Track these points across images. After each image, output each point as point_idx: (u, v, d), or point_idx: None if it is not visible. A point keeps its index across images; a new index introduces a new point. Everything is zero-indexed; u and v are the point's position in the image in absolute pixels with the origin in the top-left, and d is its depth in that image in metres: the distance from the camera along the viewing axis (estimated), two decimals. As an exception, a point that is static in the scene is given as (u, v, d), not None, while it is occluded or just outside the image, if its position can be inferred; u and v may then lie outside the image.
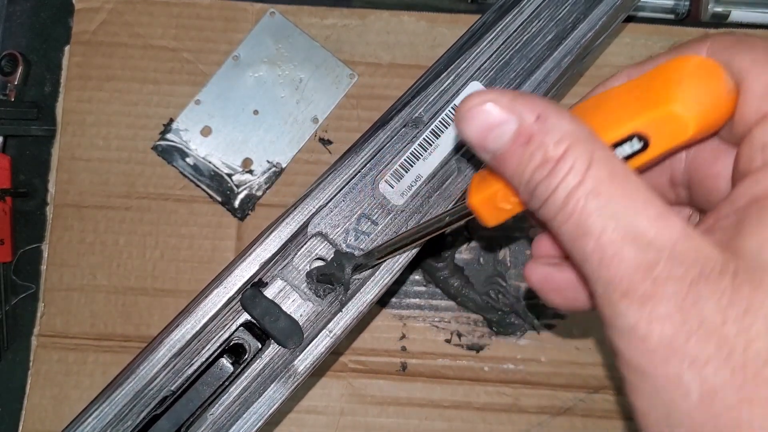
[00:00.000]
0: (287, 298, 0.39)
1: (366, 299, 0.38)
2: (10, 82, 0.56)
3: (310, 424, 0.53)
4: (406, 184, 0.39)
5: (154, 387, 0.37)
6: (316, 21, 0.58)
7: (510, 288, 0.55)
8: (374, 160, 0.39)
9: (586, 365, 0.54)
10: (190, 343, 0.37)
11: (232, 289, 0.38)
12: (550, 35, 0.40)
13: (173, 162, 0.56)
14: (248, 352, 0.38)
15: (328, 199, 0.39)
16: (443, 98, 0.40)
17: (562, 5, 0.40)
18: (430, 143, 0.40)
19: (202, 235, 0.55)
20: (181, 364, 0.38)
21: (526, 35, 0.40)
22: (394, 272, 0.39)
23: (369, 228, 0.39)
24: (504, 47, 0.40)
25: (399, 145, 0.40)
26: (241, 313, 0.38)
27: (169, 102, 0.57)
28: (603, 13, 0.40)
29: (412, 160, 0.40)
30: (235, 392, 0.38)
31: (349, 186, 0.39)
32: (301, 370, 0.38)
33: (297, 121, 0.56)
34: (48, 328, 0.54)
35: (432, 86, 0.40)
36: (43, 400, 0.53)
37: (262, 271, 0.39)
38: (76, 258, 0.55)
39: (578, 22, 0.40)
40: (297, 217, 0.38)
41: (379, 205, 0.39)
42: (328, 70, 0.57)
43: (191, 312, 0.37)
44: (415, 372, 0.54)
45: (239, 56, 0.57)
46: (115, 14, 0.57)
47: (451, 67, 0.40)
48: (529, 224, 0.56)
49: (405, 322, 0.55)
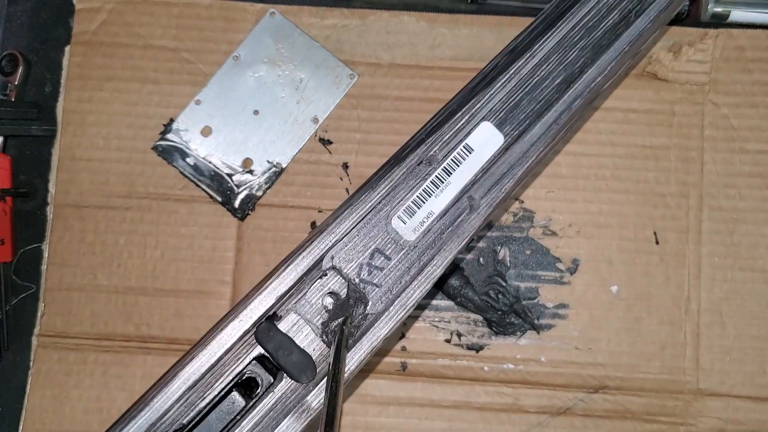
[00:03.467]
0: (300, 332, 0.39)
1: (380, 334, 0.39)
2: (11, 82, 0.56)
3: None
4: (419, 220, 0.40)
5: (167, 420, 0.37)
6: (316, 21, 0.58)
7: (510, 288, 0.55)
8: (389, 197, 0.40)
9: (586, 365, 0.54)
10: (204, 376, 0.37)
11: (248, 322, 0.37)
12: (559, 79, 0.41)
13: (173, 162, 0.56)
14: (261, 386, 0.38)
15: (343, 234, 0.39)
16: (456, 138, 0.40)
17: (571, 50, 0.41)
18: (442, 180, 0.40)
19: (203, 235, 0.55)
20: (194, 397, 0.37)
21: (535, 78, 0.41)
22: (407, 308, 0.39)
23: (382, 263, 0.39)
24: (515, 90, 0.41)
25: (413, 182, 0.40)
26: (255, 347, 0.38)
27: (169, 102, 0.57)
28: (612, 58, 0.41)
29: (425, 196, 0.40)
30: (247, 426, 0.37)
31: (363, 222, 0.39)
32: (314, 405, 0.37)
33: (297, 121, 0.57)
34: (48, 328, 0.54)
35: (447, 125, 0.40)
36: (43, 400, 0.53)
37: (277, 304, 0.38)
38: (77, 258, 0.55)
39: (586, 67, 0.41)
40: (313, 251, 0.38)
41: (392, 241, 0.39)
42: (328, 70, 0.57)
43: (206, 344, 0.37)
44: (415, 372, 0.54)
45: (239, 56, 0.57)
46: (116, 14, 0.58)
47: (465, 108, 0.40)
48: (529, 224, 0.56)
49: (405, 322, 0.54)
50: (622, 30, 0.41)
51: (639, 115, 0.57)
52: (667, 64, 0.57)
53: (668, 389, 0.54)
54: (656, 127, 0.57)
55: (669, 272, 0.55)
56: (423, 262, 0.39)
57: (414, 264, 0.39)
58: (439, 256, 0.39)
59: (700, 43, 0.57)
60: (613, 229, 0.56)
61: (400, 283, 0.39)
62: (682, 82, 0.57)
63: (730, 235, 0.55)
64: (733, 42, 0.57)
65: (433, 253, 0.40)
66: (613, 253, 0.56)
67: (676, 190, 0.56)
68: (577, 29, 0.41)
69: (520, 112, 0.41)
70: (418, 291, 0.39)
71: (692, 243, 0.55)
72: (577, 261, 0.55)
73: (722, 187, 0.56)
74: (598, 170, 0.56)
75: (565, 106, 0.41)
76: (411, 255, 0.39)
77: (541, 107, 0.41)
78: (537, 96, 0.41)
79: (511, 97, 0.41)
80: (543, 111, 0.41)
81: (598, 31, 0.42)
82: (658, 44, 0.57)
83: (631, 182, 0.56)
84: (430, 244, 0.40)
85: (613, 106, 0.57)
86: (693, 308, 0.55)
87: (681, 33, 0.58)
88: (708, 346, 0.54)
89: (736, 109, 0.57)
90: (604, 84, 0.42)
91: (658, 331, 0.55)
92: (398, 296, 0.39)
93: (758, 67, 0.57)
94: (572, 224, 0.56)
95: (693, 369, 0.54)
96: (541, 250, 0.56)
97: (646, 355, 0.54)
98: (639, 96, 0.57)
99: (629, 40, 0.41)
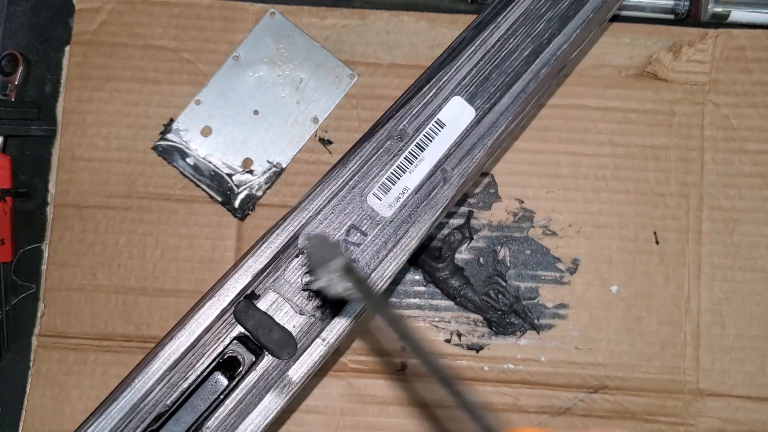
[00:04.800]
0: (280, 310, 0.39)
1: (359, 306, 0.39)
2: (11, 82, 0.56)
3: (310, 424, 0.53)
4: (394, 196, 0.41)
5: (150, 401, 0.37)
6: (316, 21, 0.58)
7: (510, 288, 0.55)
8: (361, 173, 0.40)
9: (586, 365, 0.54)
10: (184, 356, 0.37)
11: (225, 301, 0.38)
12: (528, 50, 0.42)
13: (173, 162, 0.56)
14: (243, 365, 0.38)
15: (317, 211, 0.40)
16: (426, 111, 0.41)
17: (538, 22, 0.42)
18: (415, 156, 0.41)
19: (203, 235, 0.55)
20: (176, 378, 0.38)
21: (504, 51, 0.42)
22: (384, 279, 0.40)
23: (359, 239, 0.40)
24: (483, 63, 0.42)
25: (385, 158, 0.41)
26: (235, 326, 0.39)
27: (169, 102, 0.57)
28: (577, 26, 0.42)
29: (399, 173, 0.41)
30: (231, 405, 0.38)
31: (337, 198, 0.40)
32: (295, 379, 0.38)
33: (297, 121, 0.56)
34: (48, 328, 0.54)
35: (415, 99, 0.41)
36: (43, 400, 0.53)
37: (255, 283, 0.39)
38: (77, 258, 0.55)
39: (553, 37, 0.42)
40: (287, 228, 0.39)
41: (368, 217, 0.40)
42: (328, 70, 0.57)
43: (185, 324, 0.37)
44: (415, 372, 0.54)
45: (239, 56, 0.57)
46: (116, 14, 0.58)
47: (432, 81, 0.41)
48: (529, 224, 0.56)
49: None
50: None
51: (639, 115, 0.57)
52: (667, 64, 0.57)
53: (668, 389, 0.54)
54: (656, 127, 0.57)
55: (669, 272, 0.55)
56: (399, 235, 0.40)
57: (390, 238, 0.40)
58: (414, 228, 0.40)
59: (700, 43, 0.57)
60: (613, 229, 0.56)
61: (378, 257, 0.40)
62: (682, 82, 0.57)
63: (730, 235, 0.55)
64: (733, 42, 0.57)
65: (408, 226, 0.40)
66: (613, 253, 0.56)
67: (676, 190, 0.56)
68: (542, 1, 0.42)
69: (490, 85, 0.42)
70: (395, 263, 0.40)
71: (692, 243, 0.55)
72: (577, 261, 0.55)
73: (722, 187, 0.56)
74: (598, 170, 0.56)
75: (532, 75, 0.42)
76: (387, 230, 0.40)
77: (511, 79, 0.42)
78: (506, 69, 0.42)
79: (480, 71, 0.42)
80: (512, 83, 0.41)
81: (564, 2, 0.42)
82: (658, 44, 0.57)
83: (631, 182, 0.56)
84: (406, 219, 0.40)
85: (614, 106, 0.57)
86: (693, 308, 0.55)
87: (681, 33, 0.58)
88: (708, 346, 0.54)
89: (736, 109, 0.57)
90: (571, 52, 0.43)
91: (658, 331, 0.55)
92: (375, 269, 0.40)
93: (758, 67, 0.57)
94: (572, 224, 0.56)
95: (693, 369, 0.54)
96: (541, 250, 0.56)
97: (646, 355, 0.54)
98: (639, 96, 0.57)
99: (594, 7, 0.42)
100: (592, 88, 0.57)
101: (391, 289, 0.55)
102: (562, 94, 0.57)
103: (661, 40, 0.58)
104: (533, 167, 0.56)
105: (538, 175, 0.56)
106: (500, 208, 0.56)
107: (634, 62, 0.57)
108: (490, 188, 0.56)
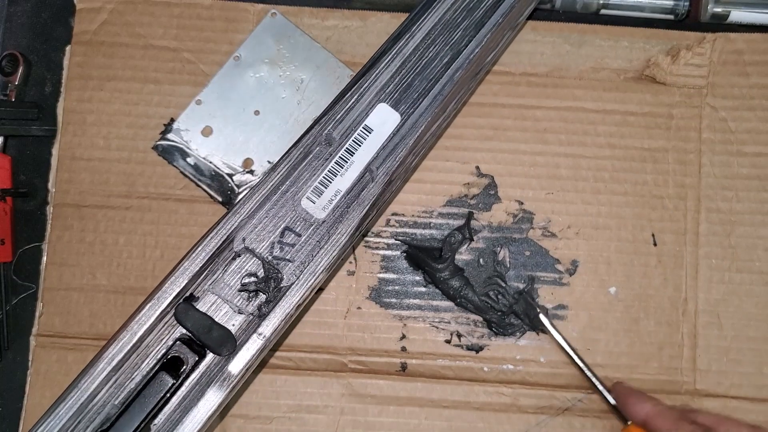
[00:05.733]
0: (219, 311, 0.42)
1: (293, 302, 0.42)
2: (11, 82, 0.56)
3: (310, 424, 0.54)
4: (327, 199, 0.43)
5: (98, 401, 0.39)
6: (317, 22, 0.58)
7: (509, 289, 0.55)
8: (292, 177, 0.43)
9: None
10: (128, 357, 0.39)
11: (164, 302, 0.40)
12: (446, 57, 0.46)
13: (174, 162, 0.56)
14: (186, 364, 0.40)
15: (249, 215, 0.42)
16: (350, 117, 0.44)
17: (455, 31, 0.46)
18: (345, 160, 0.44)
19: (203, 235, 0.55)
20: (123, 378, 0.40)
21: (424, 60, 0.46)
22: (317, 274, 0.42)
23: (293, 239, 0.43)
24: (406, 71, 0.45)
25: (315, 162, 0.44)
26: (177, 328, 0.41)
27: (169, 102, 0.57)
28: (487, 30, 0.46)
29: (331, 177, 0.44)
30: (176, 401, 0.40)
31: (270, 202, 0.43)
32: (235, 372, 0.40)
33: (298, 121, 0.57)
34: (47, 327, 0.54)
35: (338, 106, 0.44)
36: (43, 400, 0.53)
37: (192, 285, 0.41)
38: (76, 258, 0.55)
39: (469, 43, 0.46)
40: (220, 232, 0.42)
41: (302, 219, 0.43)
42: (329, 71, 0.57)
43: (126, 326, 0.39)
44: (415, 372, 0.54)
45: (240, 56, 0.57)
46: (116, 14, 0.58)
47: (354, 88, 0.45)
48: (529, 226, 0.56)
49: (405, 322, 0.55)
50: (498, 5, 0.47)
51: (637, 118, 0.57)
52: (665, 68, 0.57)
53: (665, 389, 0.54)
54: (654, 130, 0.57)
55: (667, 274, 0.56)
56: (330, 234, 0.43)
57: (323, 237, 0.43)
58: (343, 225, 0.43)
59: (698, 47, 0.57)
60: (612, 231, 0.56)
61: (311, 255, 0.43)
62: (680, 86, 0.58)
63: (727, 237, 0.56)
64: (731, 46, 0.58)
65: (339, 224, 0.43)
66: (611, 254, 0.56)
67: (674, 192, 0.56)
68: (459, 11, 0.46)
69: (413, 91, 0.45)
70: (326, 259, 0.43)
71: (690, 245, 0.56)
72: (576, 262, 0.56)
73: (720, 189, 0.56)
74: (597, 172, 0.57)
75: (447, 78, 0.45)
76: (320, 230, 0.43)
77: (431, 84, 0.45)
78: (428, 75, 0.45)
79: (404, 79, 0.45)
80: (432, 87, 0.45)
81: (479, 10, 0.47)
82: (656, 48, 0.58)
83: (629, 184, 0.57)
84: (337, 218, 0.43)
85: (612, 109, 0.57)
86: (690, 309, 0.55)
87: (679, 37, 0.58)
88: (705, 347, 0.55)
89: (733, 112, 0.57)
90: (486, 55, 0.48)
91: (656, 332, 0.55)
92: (308, 265, 0.42)
93: (756, 71, 0.58)
94: (571, 226, 0.56)
95: (690, 370, 0.55)
96: (541, 252, 0.56)
97: (644, 355, 0.55)
98: (637, 99, 0.57)
99: (503, 12, 0.47)
100: (591, 90, 0.58)
101: (393, 290, 0.55)
102: (562, 96, 0.57)
103: (659, 43, 0.58)
104: (533, 169, 0.57)
105: (537, 176, 0.57)
106: (500, 209, 0.56)
107: (632, 65, 0.58)
108: (490, 189, 0.56)
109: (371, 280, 0.55)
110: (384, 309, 0.55)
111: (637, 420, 0.48)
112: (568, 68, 0.58)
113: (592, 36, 0.58)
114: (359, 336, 0.55)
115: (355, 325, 0.55)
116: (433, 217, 0.56)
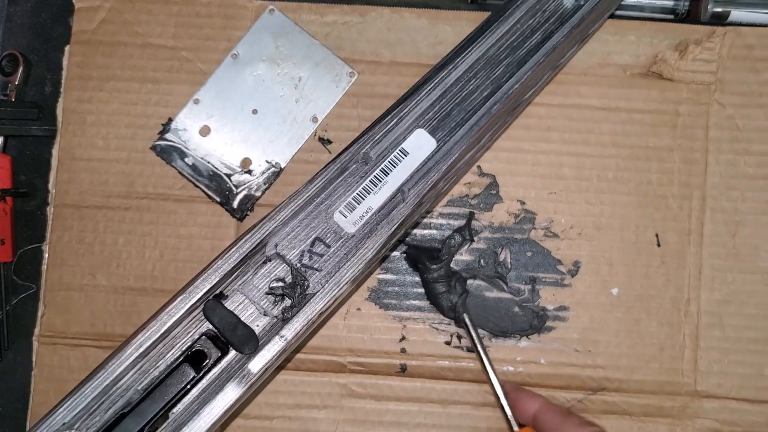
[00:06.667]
0: (246, 311, 0.44)
1: (316, 309, 0.43)
2: (11, 83, 0.56)
3: (309, 423, 0.54)
4: (358, 215, 0.45)
5: (122, 385, 0.41)
6: (315, 18, 0.57)
7: (511, 290, 0.55)
8: (328, 191, 0.45)
9: (585, 367, 0.54)
10: (155, 346, 0.41)
11: (195, 297, 0.42)
12: (486, 91, 0.48)
13: (172, 162, 0.56)
14: (209, 359, 0.42)
15: (283, 222, 0.44)
16: (389, 138, 0.46)
17: (497, 66, 0.48)
18: (380, 180, 0.46)
19: (201, 236, 0.55)
20: (148, 365, 0.42)
21: (465, 91, 0.48)
22: (342, 285, 0.44)
23: (322, 250, 0.45)
24: (445, 101, 0.48)
25: (351, 179, 0.46)
26: (203, 323, 0.43)
27: (168, 101, 0.56)
28: (528, 69, 0.48)
29: (364, 194, 0.46)
30: (195, 392, 0.42)
31: (305, 212, 0.45)
32: (254, 371, 0.42)
33: (296, 120, 0.56)
34: (48, 328, 0.55)
35: (378, 127, 0.46)
36: (48, 399, 0.54)
37: (223, 283, 0.43)
38: (76, 258, 0.55)
39: (509, 79, 0.48)
40: (255, 235, 0.44)
41: (333, 231, 0.45)
42: (327, 69, 0.56)
43: (157, 317, 0.41)
44: (415, 373, 0.54)
45: (238, 54, 0.56)
46: (115, 13, 0.57)
47: (394, 112, 0.47)
48: (530, 226, 0.55)
49: (405, 323, 0.55)
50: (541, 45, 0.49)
51: (643, 116, 0.56)
52: (673, 63, 0.56)
53: (666, 390, 0.54)
54: (660, 128, 0.56)
55: (669, 274, 0.55)
56: (358, 248, 0.45)
57: (351, 250, 0.45)
58: (371, 240, 0.45)
59: (707, 42, 0.56)
60: (615, 231, 0.55)
61: (338, 266, 0.44)
62: (688, 82, 0.56)
63: (731, 238, 0.55)
64: (741, 40, 0.56)
65: (367, 240, 0.45)
66: (614, 255, 0.55)
67: (678, 191, 0.56)
68: (503, 48, 0.49)
69: (451, 120, 0.47)
70: (352, 271, 0.44)
71: (694, 245, 0.55)
72: (578, 263, 0.55)
73: (725, 189, 0.55)
74: (601, 171, 0.56)
75: (485, 111, 0.47)
76: (349, 243, 0.45)
77: (469, 115, 0.47)
78: (466, 106, 0.48)
79: (443, 107, 0.47)
80: (469, 118, 0.47)
81: (522, 49, 0.49)
82: (664, 42, 0.56)
83: (633, 184, 0.56)
84: (367, 234, 0.45)
85: (617, 106, 0.56)
86: (692, 310, 0.55)
87: (688, 31, 0.57)
88: (706, 348, 0.54)
89: (741, 110, 0.56)
90: (524, 92, 0.50)
91: (657, 333, 0.55)
92: (333, 276, 0.44)
93: (766, 67, 0.56)
94: (574, 226, 0.55)
95: (691, 371, 0.54)
96: (543, 252, 0.55)
97: (645, 356, 0.54)
98: (644, 96, 0.56)
99: (545, 53, 0.49)
100: (597, 87, 0.56)
101: (393, 291, 0.55)
102: (566, 93, 0.56)
103: (667, 38, 0.57)
104: (536, 168, 0.56)
105: (540, 176, 0.56)
106: (502, 209, 0.56)
107: (639, 61, 0.56)
108: (491, 189, 0.56)
109: (371, 281, 0.55)
110: (384, 310, 0.55)
111: (527, 416, 0.49)
112: (573, 64, 0.57)
113: (598, 30, 0.57)
114: (359, 337, 0.55)
115: (355, 326, 0.55)
116: (434, 217, 0.56)
